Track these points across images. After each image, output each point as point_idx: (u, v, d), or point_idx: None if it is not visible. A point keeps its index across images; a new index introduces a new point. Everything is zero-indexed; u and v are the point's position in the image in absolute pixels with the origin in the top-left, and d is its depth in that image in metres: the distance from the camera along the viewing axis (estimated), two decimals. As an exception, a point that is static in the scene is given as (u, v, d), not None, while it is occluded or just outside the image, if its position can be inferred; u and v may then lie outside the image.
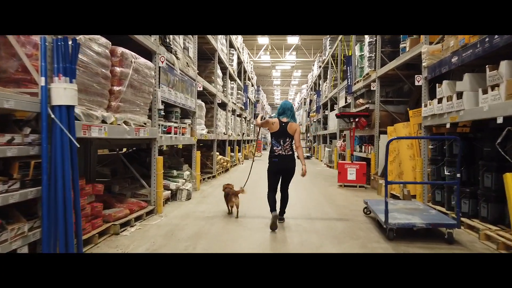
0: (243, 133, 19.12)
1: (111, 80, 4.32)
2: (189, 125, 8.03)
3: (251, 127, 24.17)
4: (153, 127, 5.74)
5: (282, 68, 32.11)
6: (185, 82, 7.61)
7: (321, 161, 19.22)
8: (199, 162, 8.63)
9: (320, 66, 20.97)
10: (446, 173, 5.60)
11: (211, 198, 7.47)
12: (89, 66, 3.75)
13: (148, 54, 5.71)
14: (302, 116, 33.57)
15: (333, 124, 16.33)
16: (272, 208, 5.20)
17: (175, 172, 7.42)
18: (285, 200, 5.55)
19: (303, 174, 5.18)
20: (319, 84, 22.28)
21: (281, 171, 5.32)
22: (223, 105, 13.26)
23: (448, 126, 5.35)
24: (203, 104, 9.64)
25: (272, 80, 37.90)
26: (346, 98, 13.44)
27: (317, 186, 9.58)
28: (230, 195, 5.95)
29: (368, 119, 9.39)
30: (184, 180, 7.47)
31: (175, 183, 6.98)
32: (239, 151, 17.39)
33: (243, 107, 18.47)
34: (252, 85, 24.88)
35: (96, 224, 4.21)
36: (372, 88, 9.26)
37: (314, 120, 23.47)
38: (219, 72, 11.81)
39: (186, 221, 5.33)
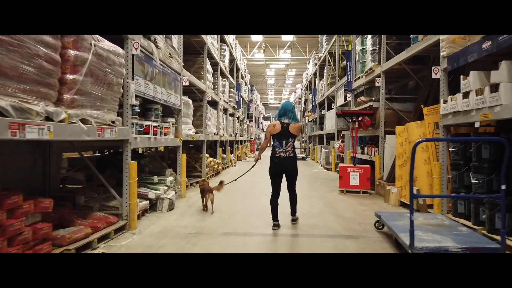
0: (236, 133, 18.20)
1: (63, 67, 3.39)
2: (173, 124, 7.10)
3: (244, 127, 23.26)
4: (125, 127, 4.80)
5: (276, 67, 31.26)
6: (168, 75, 6.68)
7: (317, 162, 18.37)
8: (184, 166, 7.70)
9: (316, 64, 20.13)
10: (473, 180, 4.73)
11: (197, 207, 6.55)
12: (23, 44, 2.80)
13: (120, 40, 4.78)
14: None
15: (331, 124, 15.47)
16: (274, 217, 5.13)
17: (155, 178, 6.48)
18: (293, 200, 5.43)
19: None
20: (314, 83, 21.45)
21: (282, 173, 5.29)
22: (214, 104, 12.35)
23: (477, 125, 4.48)
24: (190, 101, 8.71)
25: (266, 79, 37.04)
26: (345, 96, 12.58)
27: (316, 191, 8.70)
28: (205, 191, 6.23)
29: (372, 118, 8.53)
30: (166, 187, 6.53)
31: (155, 191, 6.04)
32: (231, 153, 16.47)
33: (235, 106, 17.55)
34: (246, 84, 23.97)
35: (41, 251, 3.27)
36: (376, 84, 8.40)
37: (310, 120, 22.62)
38: (209, 67, 10.88)
39: (163, 241, 4.39)
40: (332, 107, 15.06)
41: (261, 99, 44.52)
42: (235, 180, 6.61)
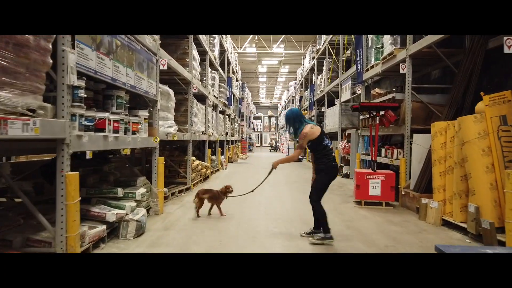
0: (227, 133, 16.53)
1: None
2: (145, 119, 5.42)
3: (235, 126, 21.58)
4: (59, 119, 3.11)
5: (269, 63, 29.62)
6: (137, 53, 5.00)
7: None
8: (162, 173, 6.01)
9: (313, 58, 18.57)
10: None
11: (177, 231, 4.87)
12: None
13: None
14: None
15: (332, 122, 13.90)
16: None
17: (119, 191, 4.77)
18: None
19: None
20: (311, 79, 19.89)
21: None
22: (202, 99, 10.69)
23: None
24: (170, 91, 7.02)
25: (258, 76, 35.39)
26: (352, 91, 11.01)
27: (327, 203, 6.95)
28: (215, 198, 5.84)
29: (396, 112, 6.94)
30: (134, 204, 4.84)
31: (117, 211, 4.35)
32: (222, 154, 14.79)
33: (226, 102, 15.89)
34: (237, 80, 22.31)
35: None
36: (401, 71, 6.81)
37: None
38: (195, 54, 9.20)
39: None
40: (336, 103, 13.48)
41: (252, 98, 42.90)
42: (252, 191, 5.68)
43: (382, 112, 6.86)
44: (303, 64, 22.76)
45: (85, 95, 3.53)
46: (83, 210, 4.20)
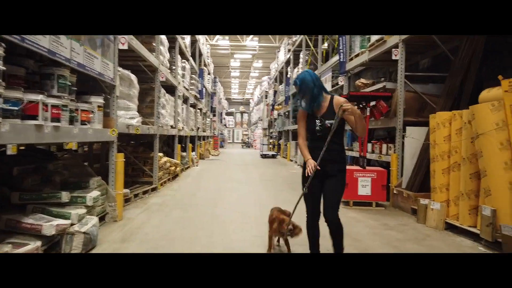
0: (198, 128, 15.58)
1: None
2: (99, 107, 4.47)
3: (207, 121, 20.61)
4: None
5: (242, 57, 28.73)
6: (88, 24, 4.04)
7: (291, 161, 16.17)
8: (122, 172, 5.07)
9: (289, 50, 17.89)
10: None
11: (139, 243, 3.98)
12: None
13: None
14: (263, 110, 30.45)
15: (310, 116, 13.23)
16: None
17: (63, 196, 3.82)
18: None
19: None
20: (286, 72, 19.21)
21: None
22: (171, 90, 9.75)
23: None
24: (133, 77, 6.07)
25: (230, 71, 34.45)
26: (333, 82, 10.35)
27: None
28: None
29: (387, 103, 6.30)
30: (84, 211, 3.92)
31: (58, 221, 3.41)
32: (193, 150, 13.85)
33: (198, 95, 14.94)
34: (209, 73, 21.33)
35: None
36: (394, 57, 6.15)
37: (281, 114, 20.37)
38: (163, 38, 8.26)
39: None
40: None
41: (224, 93, 41.90)
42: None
43: (373, 103, 6.19)
44: (278, 57, 22.04)
45: (3, 68, 2.58)
46: (11, 221, 3.26)
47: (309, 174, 2.90)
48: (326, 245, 3.33)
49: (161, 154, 8.32)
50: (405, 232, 4.57)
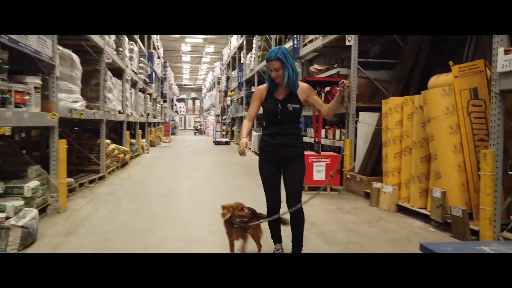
0: (148, 114, 14.98)
1: None
2: (36, 88, 4.04)
3: (157, 107, 19.91)
4: None
5: (193, 41, 27.93)
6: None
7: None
8: (64, 160, 4.67)
9: (242, 35, 17.63)
10: None
11: (85, 235, 3.68)
12: None
13: None
14: (216, 96, 30.06)
15: (264, 102, 13.18)
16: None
17: (-4, 187, 3.43)
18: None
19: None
20: (239, 58, 18.99)
21: None
22: (118, 73, 9.21)
23: None
24: (75, 57, 5.59)
25: (181, 56, 33.45)
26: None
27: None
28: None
29: (341, 89, 6.34)
30: (21, 202, 3.54)
31: (-11, 216, 3.05)
32: (143, 137, 13.30)
33: (147, 80, 14.33)
34: (159, 57, 20.57)
35: None
36: (347, 43, 6.19)
37: (234, 100, 20.17)
38: (108, 17, 7.69)
39: None
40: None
41: (175, 79, 40.76)
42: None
43: (327, 89, 6.21)
44: (230, 43, 21.71)
45: None
46: None
47: (242, 154, 2.80)
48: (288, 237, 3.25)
49: (108, 141, 7.85)
50: (360, 215, 4.65)
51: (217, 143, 19.38)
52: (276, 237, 3.09)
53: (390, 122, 4.96)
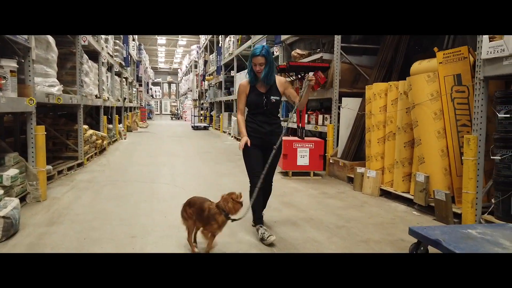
0: (125, 98, 14.63)
1: None
2: (12, 72, 3.85)
3: (133, 92, 19.45)
4: None
5: (169, 24, 27.24)
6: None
7: (224, 132, 16.02)
8: (43, 147, 4.50)
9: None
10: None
11: (69, 223, 3.58)
12: None
13: None
14: (193, 80, 29.60)
15: (244, 87, 13.07)
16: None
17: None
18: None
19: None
20: (217, 42, 18.69)
21: None
22: (94, 56, 8.90)
23: None
24: (50, 39, 5.35)
25: (156, 38, 32.63)
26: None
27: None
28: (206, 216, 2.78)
29: (325, 73, 6.36)
30: (1, 192, 3.40)
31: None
32: (120, 122, 13.00)
33: (123, 63, 13.93)
34: (134, 40, 19.98)
35: None
36: (331, 28, 6.17)
37: (212, 84, 19.93)
38: (83, -3, 7.36)
39: None
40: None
41: (150, 62, 39.80)
42: None
43: (311, 74, 6.19)
44: (208, 25, 21.26)
45: None
46: None
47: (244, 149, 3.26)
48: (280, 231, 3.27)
49: (86, 126, 7.62)
50: (345, 200, 4.73)
51: (195, 128, 19.19)
52: (259, 218, 3.32)
53: (374, 108, 5.02)
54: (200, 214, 2.78)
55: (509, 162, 3.27)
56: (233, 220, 2.76)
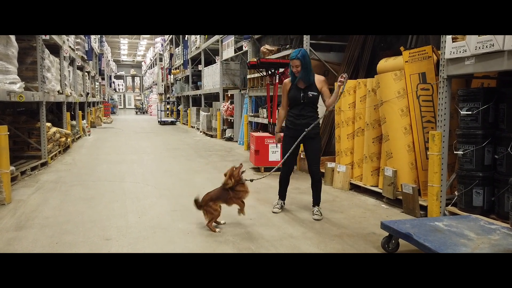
0: (88, 93, 14.12)
1: None
2: (-28, 70, 3.64)
3: (96, 86, 18.81)
4: None
5: (132, 15, 26.46)
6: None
7: (192, 127, 15.87)
8: (6, 148, 4.29)
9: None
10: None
11: (39, 228, 3.45)
12: None
13: None
14: (158, 74, 29.02)
15: (212, 82, 13.01)
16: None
17: None
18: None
19: None
20: (184, 35, 18.37)
21: None
22: (55, 50, 8.56)
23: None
24: (11, 36, 5.07)
25: (119, 30, 31.56)
26: (236, 46, 10.22)
27: (222, 171, 6.33)
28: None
29: (295, 70, 6.43)
30: (-37, 197, 3.23)
31: None
32: (83, 118, 12.56)
33: (85, 56, 13.43)
34: (95, 31, 19.20)
35: None
36: (300, 25, 6.25)
37: (178, 78, 19.63)
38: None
39: None
40: (216, 61, 12.52)
41: (112, 54, 38.57)
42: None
43: (281, 70, 6.27)
44: (173, 18, 20.87)
45: None
46: None
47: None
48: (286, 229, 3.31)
49: (49, 124, 7.32)
50: (306, 188, 4.84)
51: (162, 123, 18.87)
52: (282, 195, 4.09)
53: (343, 104, 5.16)
54: (225, 197, 3.43)
55: (471, 157, 3.49)
56: (252, 180, 3.73)
